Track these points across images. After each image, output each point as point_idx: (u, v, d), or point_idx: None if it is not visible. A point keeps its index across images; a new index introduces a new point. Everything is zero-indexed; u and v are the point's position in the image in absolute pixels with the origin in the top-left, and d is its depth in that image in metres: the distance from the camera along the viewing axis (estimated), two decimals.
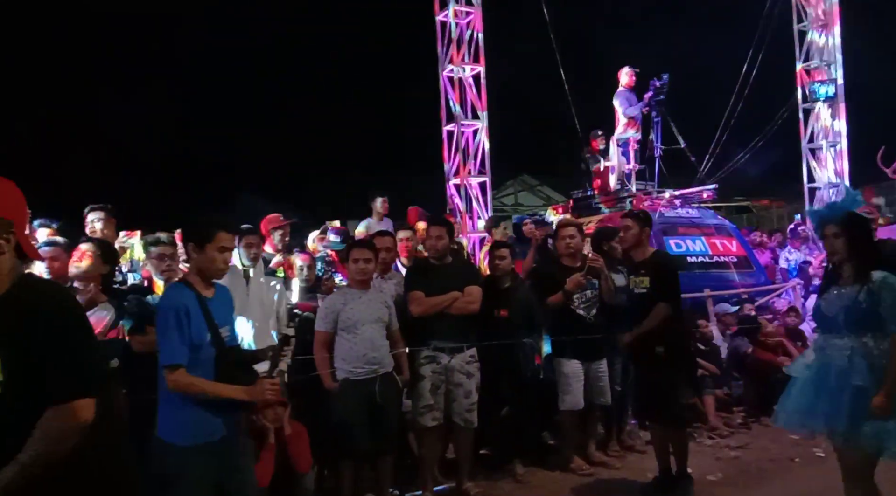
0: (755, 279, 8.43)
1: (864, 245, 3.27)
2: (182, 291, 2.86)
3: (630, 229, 4.62)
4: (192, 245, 2.91)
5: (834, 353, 3.21)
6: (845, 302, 3.20)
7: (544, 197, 20.39)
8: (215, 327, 2.82)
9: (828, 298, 3.32)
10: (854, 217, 3.31)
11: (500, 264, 5.08)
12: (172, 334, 2.75)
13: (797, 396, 3.31)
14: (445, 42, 11.86)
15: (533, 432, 5.27)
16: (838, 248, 3.26)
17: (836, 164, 13.45)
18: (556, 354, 5.11)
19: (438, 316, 4.52)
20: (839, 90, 13.21)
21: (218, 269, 2.92)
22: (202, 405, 2.76)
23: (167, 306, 2.81)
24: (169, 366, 2.74)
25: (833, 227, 3.27)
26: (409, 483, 4.72)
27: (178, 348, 2.74)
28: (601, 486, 4.79)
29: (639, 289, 4.54)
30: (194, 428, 2.77)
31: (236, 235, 2.96)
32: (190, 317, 2.77)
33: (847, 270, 3.26)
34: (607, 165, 9.54)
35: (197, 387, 2.75)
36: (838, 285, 3.29)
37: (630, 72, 9.55)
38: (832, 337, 3.26)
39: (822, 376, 3.23)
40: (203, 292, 2.88)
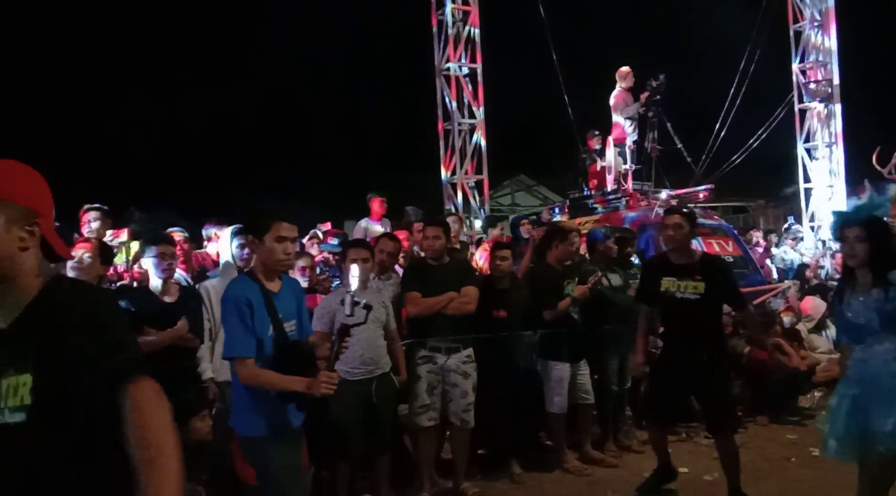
0: (751, 279, 8.45)
1: (886, 251, 3.13)
2: (245, 284, 2.84)
3: (681, 228, 4.19)
4: (251, 237, 2.90)
5: (878, 360, 3.06)
6: (874, 306, 3.06)
7: (541, 197, 20.39)
8: (279, 321, 2.80)
9: (853, 308, 3.15)
10: (879, 222, 3.18)
11: (501, 265, 5.08)
12: (236, 326, 2.74)
13: (846, 420, 3.11)
14: (442, 40, 11.86)
15: (529, 432, 5.27)
16: (859, 251, 3.12)
17: (831, 163, 13.49)
18: (547, 357, 5.11)
19: (435, 316, 4.52)
20: (835, 90, 13.26)
21: (278, 260, 2.86)
22: (274, 396, 2.77)
23: (229, 298, 2.79)
24: (233, 358, 2.76)
25: (856, 230, 3.13)
26: (405, 484, 4.71)
27: (240, 340, 2.74)
28: (597, 486, 4.78)
29: (684, 295, 4.15)
30: (269, 418, 2.79)
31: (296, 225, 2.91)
32: (253, 309, 2.75)
33: (863, 276, 3.14)
34: (604, 165, 9.55)
35: (260, 378, 2.74)
36: (856, 293, 3.17)
37: (627, 72, 9.56)
38: (870, 345, 3.10)
39: (871, 388, 3.06)
40: (268, 285, 2.85)
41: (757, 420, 6.14)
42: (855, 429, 3.07)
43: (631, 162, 9.45)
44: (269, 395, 2.77)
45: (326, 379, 2.69)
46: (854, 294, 3.17)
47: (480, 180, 11.96)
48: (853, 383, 3.16)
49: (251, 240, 2.91)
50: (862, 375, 3.11)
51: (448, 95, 11.80)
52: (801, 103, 13.57)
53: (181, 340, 3.93)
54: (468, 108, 11.82)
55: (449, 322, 4.53)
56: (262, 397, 2.78)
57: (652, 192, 9.26)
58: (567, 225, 6.20)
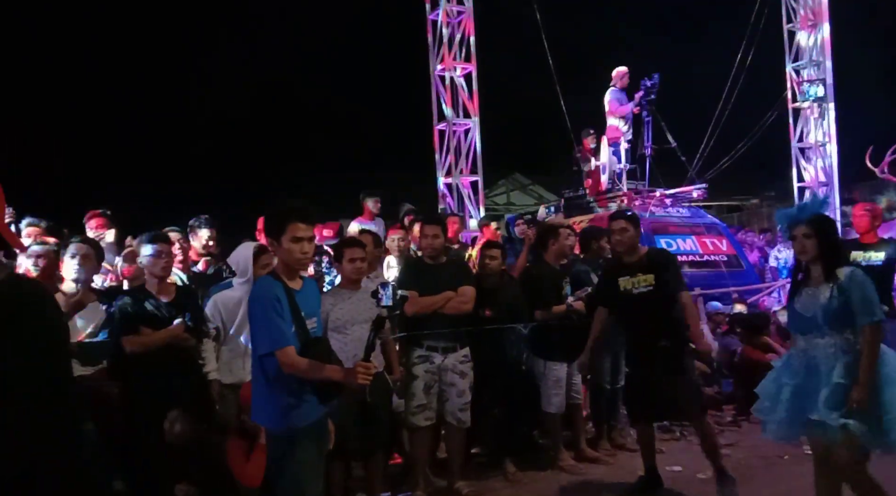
0: (745, 278, 8.48)
1: (833, 246, 3.38)
2: (272, 283, 2.91)
3: (626, 231, 4.49)
4: (270, 239, 2.96)
5: (819, 353, 3.28)
6: (821, 301, 3.27)
7: (536, 196, 20.39)
8: (301, 319, 2.89)
9: (802, 300, 3.39)
10: (824, 218, 3.44)
11: (490, 264, 5.09)
12: (272, 320, 2.81)
13: (785, 405, 3.34)
14: (437, 40, 11.86)
15: (523, 431, 5.29)
16: (808, 248, 3.35)
17: (825, 163, 13.55)
18: (544, 357, 5.11)
19: (432, 315, 4.53)
20: (828, 90, 13.31)
21: (296, 260, 2.93)
22: (298, 390, 2.85)
23: (263, 296, 2.86)
24: (280, 350, 2.79)
25: (804, 228, 3.36)
26: (400, 482, 4.72)
27: (278, 332, 2.80)
28: (592, 485, 4.80)
29: (639, 289, 4.42)
30: (294, 411, 2.86)
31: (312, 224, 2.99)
32: (281, 309, 2.84)
33: (816, 270, 3.36)
34: (598, 165, 9.58)
35: (302, 366, 2.81)
36: (808, 286, 3.39)
37: (622, 71, 9.58)
38: (813, 337, 3.31)
39: (811, 378, 3.27)
40: (290, 284, 2.93)
41: (750, 418, 6.15)
42: (795, 415, 3.29)
43: (625, 161, 9.48)
44: (292, 390, 2.85)
45: (363, 369, 2.80)
46: (807, 287, 3.39)
47: (475, 180, 11.96)
48: (794, 373, 3.35)
49: (270, 241, 2.98)
50: (805, 366, 3.31)
51: (443, 95, 11.79)
52: (795, 103, 13.62)
53: (177, 340, 3.92)
54: (463, 107, 11.82)
55: (446, 321, 4.53)
56: (286, 392, 2.85)
57: (646, 191, 9.30)
58: (559, 222, 6.21)
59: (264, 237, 3.11)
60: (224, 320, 4.19)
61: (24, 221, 5.11)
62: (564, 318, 5.07)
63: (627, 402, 4.99)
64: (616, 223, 4.56)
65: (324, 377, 2.84)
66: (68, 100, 18.02)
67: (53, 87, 18.21)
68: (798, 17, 13.50)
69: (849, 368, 3.17)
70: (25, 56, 18.15)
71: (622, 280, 4.49)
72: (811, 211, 3.46)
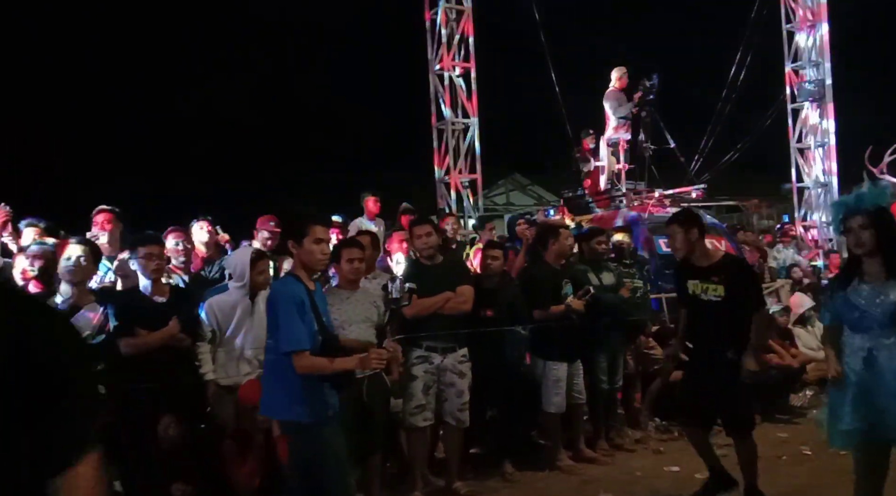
0: None
1: (891, 239, 3.10)
2: (296, 283, 3.10)
3: (674, 236, 4.17)
4: (291, 241, 3.15)
5: (884, 354, 3.02)
6: (892, 298, 3.00)
7: (535, 196, 20.38)
8: (320, 317, 3.10)
9: (863, 295, 3.09)
10: (883, 210, 3.15)
11: (493, 264, 5.10)
12: (295, 321, 2.99)
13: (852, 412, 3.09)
14: (436, 40, 11.86)
15: (522, 431, 5.28)
16: (865, 240, 3.07)
17: (824, 163, 13.55)
18: (543, 356, 5.12)
19: (431, 316, 4.52)
20: (827, 90, 13.31)
21: (317, 261, 3.16)
22: (317, 383, 3.04)
23: (287, 296, 3.04)
24: (296, 352, 2.97)
25: (860, 219, 3.09)
26: (398, 483, 4.72)
27: (302, 334, 2.99)
28: (590, 485, 4.79)
29: (707, 296, 4.09)
30: (319, 403, 3.06)
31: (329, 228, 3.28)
32: (304, 308, 3.03)
33: (873, 265, 3.09)
34: (597, 165, 9.57)
35: (319, 365, 3.02)
36: (866, 282, 3.11)
37: (620, 72, 9.58)
38: (878, 337, 3.05)
39: (879, 383, 3.03)
40: (308, 285, 3.12)
41: None
42: (860, 421, 3.05)
43: (624, 161, 9.48)
44: (312, 383, 3.04)
45: (376, 355, 3.07)
46: (864, 283, 3.12)
47: (474, 179, 11.97)
48: (855, 372, 3.11)
49: (292, 244, 3.14)
50: (866, 366, 3.06)
51: (442, 94, 11.80)
52: (794, 103, 13.63)
53: (173, 341, 3.92)
54: (462, 107, 11.83)
55: (444, 322, 4.53)
56: (306, 385, 3.03)
57: (645, 192, 9.29)
58: (557, 222, 6.21)
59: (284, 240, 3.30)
60: (219, 323, 4.19)
61: (23, 221, 5.11)
62: (564, 318, 5.06)
63: (678, 408, 4.76)
64: (669, 229, 4.28)
65: (338, 370, 3.04)
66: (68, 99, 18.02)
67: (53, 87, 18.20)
68: (797, 18, 13.51)
69: None
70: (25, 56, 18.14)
71: (691, 283, 4.19)
72: (870, 201, 3.16)
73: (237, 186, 16.97)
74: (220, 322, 4.18)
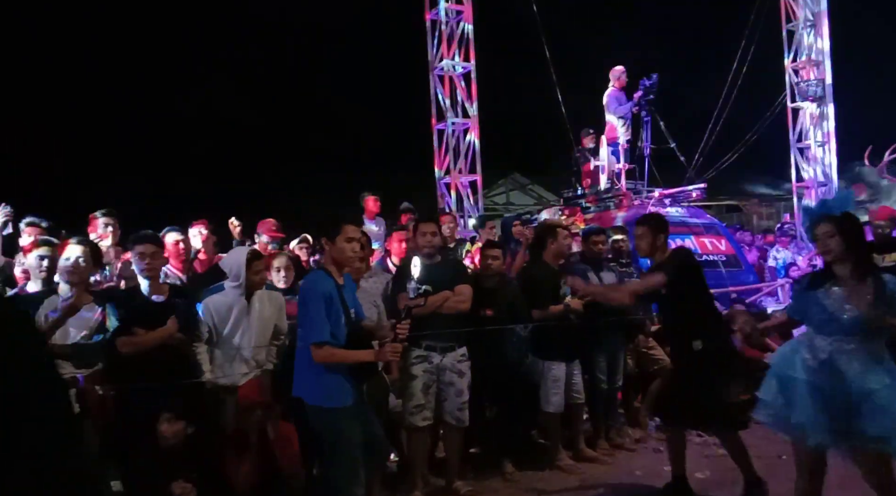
0: (744, 278, 8.48)
1: (859, 244, 3.18)
2: (326, 279, 3.33)
3: (642, 238, 4.36)
4: (324, 239, 3.41)
5: (843, 358, 3.08)
6: (860, 306, 3.06)
7: (536, 196, 20.40)
8: (348, 310, 3.34)
9: (833, 299, 3.14)
10: (848, 216, 3.19)
11: (493, 264, 5.09)
12: (320, 314, 3.23)
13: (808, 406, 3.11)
14: (435, 39, 11.86)
15: (522, 431, 5.29)
16: (833, 246, 3.13)
17: (824, 163, 13.56)
18: (543, 356, 5.12)
19: (430, 315, 4.51)
20: (827, 89, 13.32)
21: (348, 258, 3.44)
22: (341, 371, 3.30)
23: (316, 290, 3.28)
24: (317, 343, 3.23)
25: (826, 226, 3.16)
26: (398, 482, 4.72)
27: (324, 327, 3.23)
28: (589, 484, 4.80)
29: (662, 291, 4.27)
30: (339, 391, 3.30)
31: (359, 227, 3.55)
32: (332, 302, 3.26)
33: (843, 270, 3.15)
34: (597, 165, 9.57)
35: (338, 356, 3.27)
36: (837, 285, 3.15)
37: (620, 71, 9.58)
38: (840, 342, 3.10)
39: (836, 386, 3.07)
40: (338, 280, 3.36)
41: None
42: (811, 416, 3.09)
43: (624, 161, 9.48)
44: (336, 372, 3.29)
45: (392, 348, 3.31)
46: (835, 286, 3.16)
47: (474, 179, 11.97)
48: (811, 370, 3.14)
49: (325, 241, 3.41)
50: (823, 367, 3.11)
51: (441, 94, 11.79)
52: (794, 103, 13.63)
53: (171, 340, 3.92)
54: (462, 106, 11.82)
55: (443, 321, 4.52)
56: (331, 374, 3.28)
57: (646, 191, 9.30)
58: (556, 222, 6.21)
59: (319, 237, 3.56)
60: (216, 323, 4.19)
61: (24, 221, 5.11)
62: (563, 318, 5.07)
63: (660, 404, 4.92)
64: (636, 228, 4.48)
65: (356, 360, 3.29)
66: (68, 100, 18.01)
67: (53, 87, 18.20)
68: (797, 17, 13.51)
69: (882, 374, 3.02)
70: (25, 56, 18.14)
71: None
72: (835, 207, 3.21)
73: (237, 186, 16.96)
74: (216, 322, 4.18)
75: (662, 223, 4.44)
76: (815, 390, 3.10)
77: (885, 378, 3.01)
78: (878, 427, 2.96)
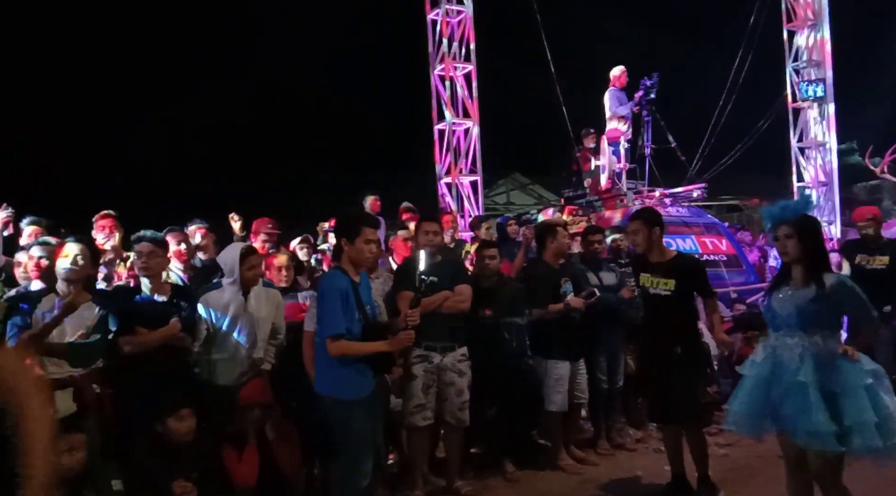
0: (745, 278, 8.47)
1: (816, 247, 3.32)
2: (342, 277, 3.49)
3: (637, 233, 4.39)
4: (344, 239, 3.56)
5: (785, 352, 3.26)
6: (799, 302, 3.24)
7: (536, 196, 20.40)
8: (363, 305, 3.49)
9: (781, 298, 3.34)
10: (807, 219, 3.35)
11: (490, 264, 5.08)
12: (336, 309, 3.38)
13: (746, 397, 3.35)
14: (437, 39, 11.86)
15: (522, 431, 5.27)
16: (790, 248, 3.29)
17: (824, 162, 13.55)
18: (544, 355, 5.11)
19: (429, 315, 4.50)
20: (828, 90, 13.31)
21: (366, 258, 3.60)
22: (356, 364, 3.44)
23: (333, 287, 3.43)
24: (332, 336, 3.37)
25: (786, 228, 3.30)
26: (398, 482, 4.72)
27: (340, 320, 3.38)
28: (590, 484, 4.79)
29: (656, 291, 4.35)
30: (353, 383, 3.44)
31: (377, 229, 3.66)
32: (348, 298, 3.42)
33: (797, 271, 3.31)
34: (598, 164, 9.57)
35: (353, 349, 3.42)
36: (789, 285, 3.34)
37: (621, 71, 9.58)
38: (784, 336, 3.29)
39: (776, 376, 3.26)
40: (353, 278, 3.52)
41: None
42: (756, 407, 3.30)
43: (625, 161, 9.48)
44: (353, 365, 3.43)
45: (405, 336, 3.51)
46: (787, 286, 3.35)
47: (475, 179, 11.96)
48: (761, 365, 3.36)
49: (344, 242, 3.55)
50: (770, 360, 3.32)
51: (443, 95, 11.79)
52: (795, 102, 13.62)
53: (173, 339, 3.92)
54: (463, 107, 11.82)
55: (443, 321, 4.52)
56: (347, 367, 3.43)
57: (646, 191, 9.29)
58: (555, 221, 6.20)
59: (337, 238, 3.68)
60: (214, 320, 4.19)
61: (24, 221, 5.12)
62: (565, 317, 5.06)
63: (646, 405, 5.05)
64: (630, 224, 4.50)
65: (372, 351, 3.44)
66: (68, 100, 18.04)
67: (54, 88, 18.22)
68: (798, 17, 13.50)
69: (813, 369, 3.14)
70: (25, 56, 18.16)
71: (643, 276, 4.45)
72: (795, 211, 3.35)
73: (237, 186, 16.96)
74: (214, 319, 4.18)
75: (657, 217, 4.48)
76: (758, 382, 3.32)
77: (815, 374, 3.11)
78: (807, 421, 3.09)
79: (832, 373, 3.12)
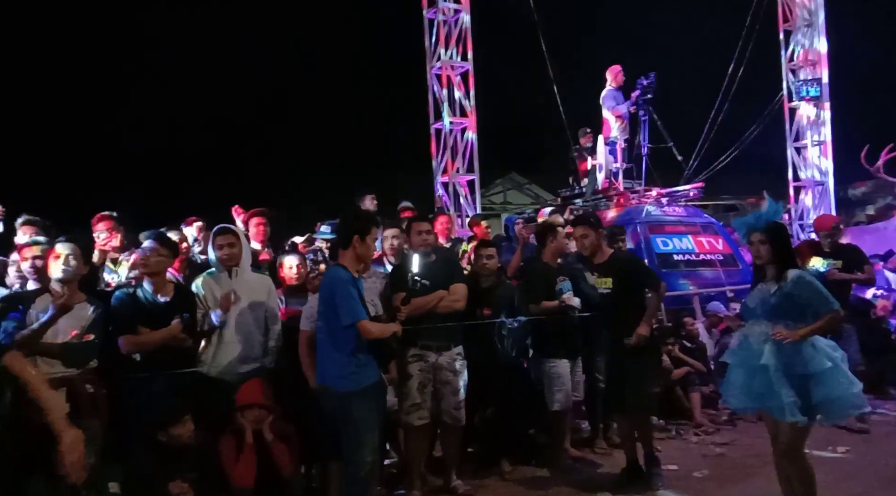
0: (741, 277, 8.48)
1: (784, 250, 3.75)
2: (345, 271, 3.64)
3: (587, 237, 4.74)
4: (356, 237, 3.67)
5: (753, 338, 3.68)
6: (764, 295, 3.70)
7: (533, 195, 20.42)
8: (363, 300, 3.64)
9: (753, 293, 3.83)
10: (777, 226, 3.80)
11: (488, 263, 5.08)
12: (353, 299, 3.56)
13: (730, 379, 3.81)
14: (433, 38, 11.84)
15: (519, 430, 5.27)
16: (763, 253, 3.71)
17: (820, 162, 13.59)
18: (545, 354, 5.10)
19: (425, 314, 4.51)
20: (824, 89, 13.34)
21: (370, 256, 3.87)
22: (362, 353, 3.59)
23: (342, 278, 3.59)
24: (360, 322, 3.53)
25: (759, 235, 3.72)
26: (396, 481, 4.72)
27: (357, 308, 3.56)
28: (587, 483, 4.80)
29: (602, 289, 4.73)
30: (360, 374, 3.58)
31: None
32: (355, 289, 3.59)
33: (770, 271, 3.74)
34: (595, 164, 9.57)
35: (375, 331, 3.61)
36: (763, 282, 3.79)
37: (617, 70, 9.58)
38: (752, 325, 3.74)
39: (748, 358, 3.67)
40: (354, 275, 3.67)
41: (745, 417, 6.16)
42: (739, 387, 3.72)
43: (622, 160, 9.48)
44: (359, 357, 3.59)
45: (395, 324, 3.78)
46: (761, 283, 3.80)
47: (472, 178, 11.96)
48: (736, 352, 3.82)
49: (356, 240, 3.67)
50: (743, 346, 3.76)
51: (440, 94, 11.78)
52: (791, 102, 13.65)
53: (175, 340, 3.91)
54: (459, 106, 11.81)
55: (439, 320, 4.51)
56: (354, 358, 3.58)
57: (643, 190, 9.30)
58: (555, 221, 6.20)
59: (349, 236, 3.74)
60: (208, 302, 4.24)
61: (19, 220, 5.09)
62: (562, 315, 5.05)
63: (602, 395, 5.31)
64: (576, 229, 4.86)
65: (389, 332, 3.67)
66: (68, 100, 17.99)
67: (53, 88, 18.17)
68: (794, 17, 13.53)
69: (775, 354, 3.52)
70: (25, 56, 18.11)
71: (589, 276, 4.89)
72: (766, 219, 3.77)
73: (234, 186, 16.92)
74: (208, 300, 4.24)
75: (600, 221, 4.96)
76: (736, 366, 3.78)
77: (777, 357, 3.51)
78: (772, 398, 3.51)
79: (796, 357, 3.50)
